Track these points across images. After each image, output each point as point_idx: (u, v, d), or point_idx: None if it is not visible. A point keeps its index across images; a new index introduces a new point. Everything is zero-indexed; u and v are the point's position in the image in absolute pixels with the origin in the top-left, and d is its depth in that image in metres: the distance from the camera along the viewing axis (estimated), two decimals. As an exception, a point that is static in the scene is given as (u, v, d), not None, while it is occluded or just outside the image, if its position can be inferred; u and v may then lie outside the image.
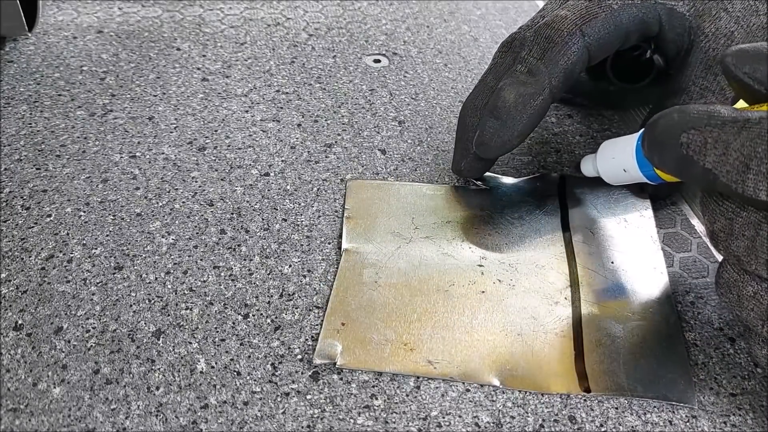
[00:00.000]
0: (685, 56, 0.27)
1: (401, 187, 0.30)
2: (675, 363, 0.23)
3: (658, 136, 0.20)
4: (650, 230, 0.28)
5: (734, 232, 0.19)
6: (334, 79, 0.38)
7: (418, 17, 0.45)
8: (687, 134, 0.18)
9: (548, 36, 0.26)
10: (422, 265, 0.26)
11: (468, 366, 0.23)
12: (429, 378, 0.22)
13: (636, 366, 0.23)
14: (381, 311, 0.24)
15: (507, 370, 0.22)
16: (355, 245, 0.27)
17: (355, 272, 0.26)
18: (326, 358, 0.22)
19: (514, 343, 0.23)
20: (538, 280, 0.26)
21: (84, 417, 0.21)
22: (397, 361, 0.23)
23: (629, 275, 0.26)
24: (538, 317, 0.24)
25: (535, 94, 0.26)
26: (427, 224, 0.28)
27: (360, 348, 0.23)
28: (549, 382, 0.22)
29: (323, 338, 0.23)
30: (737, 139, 0.17)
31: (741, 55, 0.19)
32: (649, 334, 0.24)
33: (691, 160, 0.19)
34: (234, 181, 0.30)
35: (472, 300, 0.25)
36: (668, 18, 0.27)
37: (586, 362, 0.23)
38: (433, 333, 0.23)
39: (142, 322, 0.24)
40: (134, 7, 0.43)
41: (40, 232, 0.27)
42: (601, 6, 0.26)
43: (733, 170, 0.17)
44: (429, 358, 0.23)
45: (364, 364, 0.22)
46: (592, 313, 0.24)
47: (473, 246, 0.27)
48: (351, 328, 0.23)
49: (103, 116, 0.34)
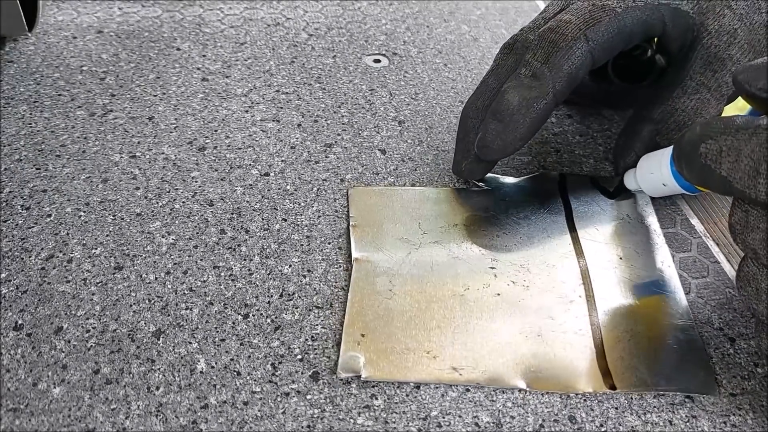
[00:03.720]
0: (687, 52, 0.27)
1: (404, 192, 0.30)
2: (693, 354, 0.23)
3: (683, 149, 0.20)
4: (653, 225, 0.28)
5: (749, 225, 0.19)
6: (334, 79, 0.38)
7: (418, 17, 0.45)
8: (705, 144, 0.19)
9: (552, 40, 0.26)
10: (434, 270, 0.26)
11: (493, 371, 0.22)
12: (456, 385, 0.22)
13: (656, 360, 0.23)
14: (399, 320, 0.24)
15: (531, 372, 0.22)
16: (365, 254, 0.27)
17: (369, 282, 0.25)
18: (350, 371, 0.22)
19: (535, 344, 0.23)
20: (550, 279, 0.26)
21: (84, 417, 0.21)
22: (421, 369, 0.22)
23: (639, 270, 0.26)
24: (556, 317, 0.24)
25: (538, 98, 0.26)
26: (434, 229, 0.28)
27: (383, 359, 0.23)
28: (574, 382, 0.22)
29: (345, 351, 0.23)
30: (748, 145, 0.18)
31: (751, 71, 0.20)
32: (665, 327, 0.24)
33: (710, 169, 0.19)
34: (234, 181, 0.30)
35: (488, 303, 0.25)
36: (672, 17, 0.27)
37: (608, 359, 0.23)
38: (454, 339, 0.23)
39: (142, 322, 0.24)
40: (134, 7, 0.43)
41: (40, 232, 0.27)
42: (605, 10, 0.26)
43: (745, 176, 0.18)
44: (453, 365, 0.23)
45: (389, 375, 0.22)
46: (608, 309, 0.25)
47: (483, 248, 0.27)
48: (371, 339, 0.23)
49: (103, 116, 0.34)
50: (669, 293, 0.25)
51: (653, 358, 0.23)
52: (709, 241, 0.28)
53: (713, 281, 0.26)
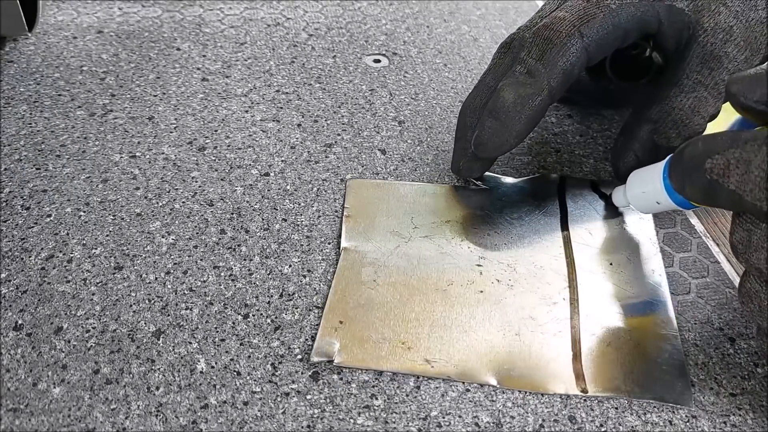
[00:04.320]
0: (683, 50, 0.27)
1: (401, 187, 0.30)
2: (672, 365, 0.23)
3: (685, 165, 0.20)
4: (649, 232, 0.28)
5: (752, 244, 0.19)
6: (334, 79, 0.38)
7: (418, 17, 0.45)
8: (711, 160, 0.19)
9: (547, 37, 0.26)
10: (421, 264, 0.26)
11: (465, 365, 0.23)
12: (427, 377, 0.22)
13: (633, 368, 0.23)
14: (379, 310, 0.24)
15: (504, 369, 0.22)
16: (354, 244, 0.27)
17: (354, 271, 0.26)
18: (323, 356, 0.22)
19: (512, 343, 0.23)
20: (536, 280, 0.26)
21: (84, 417, 0.21)
22: (394, 359, 0.23)
23: (627, 277, 0.26)
24: (537, 317, 0.24)
25: (533, 95, 0.26)
26: (426, 224, 0.28)
27: (357, 346, 0.23)
28: (546, 383, 0.22)
29: (321, 336, 0.23)
30: (758, 155, 0.17)
31: (745, 83, 0.19)
32: (647, 337, 0.24)
33: (717, 185, 0.19)
34: (234, 181, 0.30)
35: (470, 299, 0.25)
36: (668, 15, 0.27)
37: (583, 363, 0.23)
38: (431, 332, 0.24)
39: (142, 322, 0.24)
40: (134, 7, 0.43)
41: (40, 232, 0.27)
42: (600, 6, 0.26)
43: (756, 188, 0.17)
44: (426, 357, 0.23)
45: (361, 362, 0.22)
46: (590, 314, 0.24)
47: (472, 246, 0.27)
48: (349, 326, 0.24)
49: (103, 116, 0.34)
50: (656, 302, 0.25)
51: (630, 366, 0.23)
52: (709, 241, 0.28)
53: (713, 281, 0.26)
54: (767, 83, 0.19)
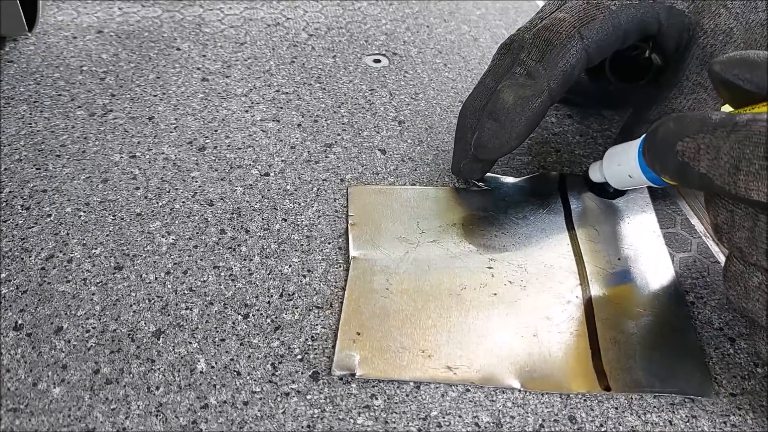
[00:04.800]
0: (683, 52, 0.27)
1: (403, 191, 0.30)
2: (689, 356, 0.23)
3: (657, 145, 0.20)
4: (652, 226, 0.28)
5: (735, 224, 0.19)
6: (334, 79, 0.38)
7: (418, 17, 0.45)
8: (682, 143, 0.19)
9: (547, 39, 0.26)
10: (432, 269, 0.26)
11: (487, 370, 0.22)
12: (453, 384, 0.22)
13: (652, 361, 0.23)
14: (395, 318, 0.24)
15: (526, 372, 0.22)
16: (362, 252, 0.27)
17: (366, 280, 0.25)
18: (345, 369, 0.22)
19: (530, 344, 0.23)
20: (548, 279, 0.26)
21: (84, 417, 0.21)
22: (416, 368, 0.22)
23: (636, 271, 0.26)
24: (552, 317, 0.24)
25: (533, 97, 0.26)
26: (432, 228, 0.28)
27: (378, 357, 0.23)
28: (569, 383, 0.22)
29: (340, 349, 0.23)
30: (726, 142, 0.18)
31: (728, 61, 0.20)
32: (662, 329, 0.24)
33: (688, 167, 0.19)
34: (234, 181, 0.30)
35: (484, 303, 0.25)
36: (667, 16, 0.27)
37: (603, 360, 0.23)
38: (449, 338, 0.23)
39: (142, 322, 0.24)
40: (134, 7, 0.43)
41: (40, 232, 0.27)
42: (599, 8, 0.26)
43: (725, 173, 0.18)
44: (448, 364, 0.23)
45: (383, 373, 0.22)
46: (604, 310, 0.25)
47: (480, 248, 0.27)
48: (367, 337, 0.23)
49: (103, 116, 0.34)
50: (667, 295, 0.25)
51: (649, 360, 0.23)
52: (709, 241, 0.28)
53: (713, 281, 0.26)
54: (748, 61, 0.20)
